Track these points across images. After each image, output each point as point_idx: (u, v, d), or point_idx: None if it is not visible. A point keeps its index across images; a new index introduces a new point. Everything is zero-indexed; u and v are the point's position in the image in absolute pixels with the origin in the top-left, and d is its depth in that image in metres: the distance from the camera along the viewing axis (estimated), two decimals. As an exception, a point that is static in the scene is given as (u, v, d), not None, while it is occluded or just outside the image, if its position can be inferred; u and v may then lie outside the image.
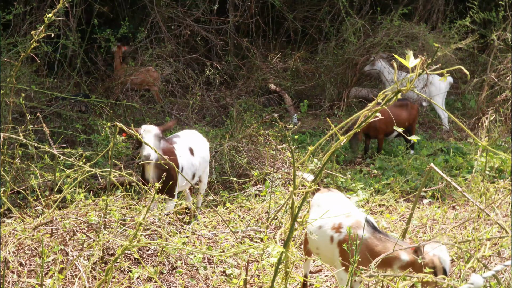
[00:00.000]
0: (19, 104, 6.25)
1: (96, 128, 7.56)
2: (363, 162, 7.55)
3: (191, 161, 5.61)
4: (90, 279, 4.25)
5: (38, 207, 4.91)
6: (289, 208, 3.04)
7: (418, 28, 9.39)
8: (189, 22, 9.37)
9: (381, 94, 2.82)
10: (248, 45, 9.93)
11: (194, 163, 5.66)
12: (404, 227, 4.57)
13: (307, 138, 8.23)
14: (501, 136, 7.86)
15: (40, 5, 8.61)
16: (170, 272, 4.69)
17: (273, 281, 3.09)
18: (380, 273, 3.52)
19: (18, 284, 4.17)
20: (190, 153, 5.63)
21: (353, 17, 9.87)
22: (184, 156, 5.55)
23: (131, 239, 3.36)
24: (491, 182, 6.38)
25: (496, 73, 8.96)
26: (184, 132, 6.00)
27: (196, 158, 5.69)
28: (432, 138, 8.54)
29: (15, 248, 4.44)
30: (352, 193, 6.37)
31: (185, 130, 6.13)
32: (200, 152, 5.78)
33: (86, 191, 5.56)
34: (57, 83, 8.43)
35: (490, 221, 5.03)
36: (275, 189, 6.23)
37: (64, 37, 8.48)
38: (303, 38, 11.01)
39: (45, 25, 4.44)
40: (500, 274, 4.01)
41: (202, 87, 9.04)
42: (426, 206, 6.27)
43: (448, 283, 3.34)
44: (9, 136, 4.79)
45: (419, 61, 2.52)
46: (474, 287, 2.04)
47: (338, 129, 2.99)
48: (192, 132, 6.01)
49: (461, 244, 4.11)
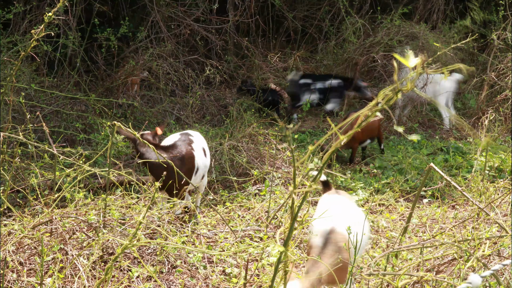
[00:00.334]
0: (19, 103, 6.26)
1: (96, 127, 7.57)
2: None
3: (204, 162, 5.59)
4: (90, 278, 4.25)
5: (37, 206, 4.91)
6: (289, 207, 3.04)
7: (418, 27, 9.39)
8: (189, 21, 9.37)
9: (381, 94, 2.82)
10: (248, 45, 9.94)
11: (207, 164, 5.65)
12: (403, 226, 4.57)
13: (307, 138, 8.23)
14: (501, 136, 7.86)
15: (40, 4, 8.61)
16: (170, 271, 4.70)
17: (272, 281, 3.09)
18: (380, 272, 3.52)
19: (18, 283, 4.18)
20: (203, 154, 5.61)
21: (353, 16, 9.87)
22: (200, 157, 5.52)
23: (131, 238, 3.36)
24: (491, 182, 6.38)
25: (496, 72, 8.96)
26: (190, 132, 5.97)
27: (208, 159, 5.69)
28: (432, 137, 8.54)
29: (14, 247, 4.45)
30: (352, 192, 6.38)
31: (187, 131, 6.10)
32: (208, 152, 5.80)
33: (85, 190, 5.56)
34: (57, 82, 8.43)
35: (490, 221, 5.03)
36: (275, 188, 6.23)
37: (64, 36, 8.48)
38: (303, 37, 11.01)
39: (45, 24, 4.44)
40: (500, 274, 4.01)
41: (202, 87, 9.04)
42: (426, 205, 6.27)
43: (448, 282, 3.35)
44: (9, 135, 4.79)
45: (419, 60, 2.52)
46: (472, 286, 2.05)
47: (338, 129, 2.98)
48: (195, 133, 6.00)
49: (460, 243, 4.11)
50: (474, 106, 9.16)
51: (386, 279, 3.65)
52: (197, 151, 5.47)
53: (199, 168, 5.47)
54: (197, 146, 5.53)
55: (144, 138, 5.01)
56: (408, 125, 8.81)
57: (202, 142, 5.71)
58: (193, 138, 5.56)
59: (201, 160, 5.50)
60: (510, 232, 4.08)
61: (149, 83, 8.94)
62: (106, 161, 6.44)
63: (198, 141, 5.61)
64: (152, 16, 9.18)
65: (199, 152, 5.50)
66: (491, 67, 9.16)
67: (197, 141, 5.60)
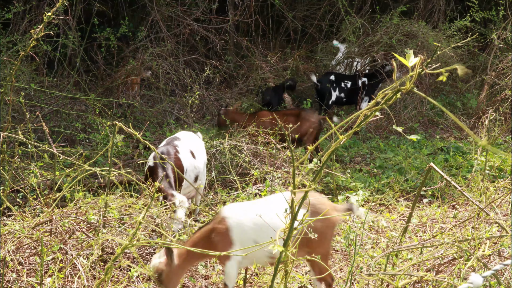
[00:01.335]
0: (19, 103, 6.25)
1: (95, 127, 7.56)
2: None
3: (193, 163, 5.62)
4: (90, 278, 4.25)
5: (37, 206, 4.91)
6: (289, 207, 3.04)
7: (418, 26, 9.38)
8: (189, 21, 9.36)
9: (381, 94, 2.81)
10: (248, 44, 9.93)
11: (197, 165, 5.67)
12: (404, 226, 4.56)
13: (307, 137, 8.22)
14: (501, 135, 7.85)
15: (39, 3, 8.60)
16: (170, 271, 4.68)
17: (272, 280, 3.09)
18: (380, 272, 3.52)
19: (18, 283, 4.17)
20: (191, 156, 5.64)
21: (353, 16, 9.87)
22: (187, 159, 5.56)
23: (131, 238, 3.35)
24: (491, 181, 6.37)
25: (496, 72, 8.95)
26: (182, 134, 5.98)
27: (199, 160, 5.70)
28: (432, 137, 8.54)
29: (14, 247, 4.44)
30: (352, 192, 6.37)
31: (181, 132, 6.11)
32: (201, 153, 5.80)
33: (85, 190, 5.56)
34: (56, 82, 8.43)
35: (490, 220, 5.02)
36: (275, 188, 6.23)
37: (63, 36, 8.47)
38: (302, 37, 11.01)
39: (45, 24, 4.43)
40: (500, 274, 4.01)
41: (202, 86, 9.04)
42: (426, 205, 6.27)
43: (448, 282, 3.34)
44: (9, 135, 4.79)
45: (418, 59, 2.51)
46: (474, 286, 2.04)
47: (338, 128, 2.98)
48: (189, 134, 6.01)
49: (460, 243, 4.10)
50: (475, 105, 9.16)
51: (386, 279, 3.65)
52: (183, 154, 5.53)
53: (187, 169, 5.52)
54: (183, 148, 5.58)
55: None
56: (408, 124, 8.81)
57: (192, 144, 5.73)
58: (178, 142, 5.63)
59: (187, 161, 5.54)
60: (510, 232, 4.07)
61: (149, 82, 8.93)
62: (106, 161, 6.44)
63: (185, 143, 5.67)
64: (152, 16, 9.17)
65: (185, 154, 5.55)
66: (491, 67, 9.15)
67: (184, 143, 5.66)
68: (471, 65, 10.12)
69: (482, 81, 9.48)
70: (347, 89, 9.10)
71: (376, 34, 9.40)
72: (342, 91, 9.11)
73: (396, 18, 9.49)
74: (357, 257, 4.59)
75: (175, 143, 5.64)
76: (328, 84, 9.04)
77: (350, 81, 9.14)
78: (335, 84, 9.08)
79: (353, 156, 7.75)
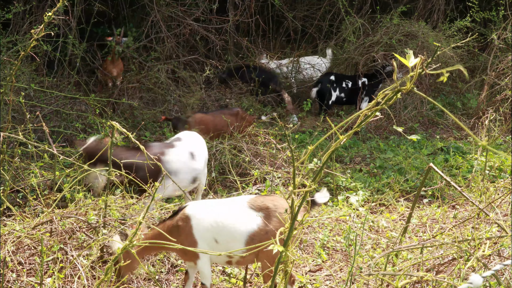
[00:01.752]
0: (19, 103, 6.25)
1: (95, 127, 7.56)
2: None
3: (190, 165, 5.62)
4: (90, 278, 4.25)
5: (38, 207, 4.91)
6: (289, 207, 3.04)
7: (418, 26, 9.38)
8: (189, 21, 9.36)
9: (381, 94, 2.81)
10: (248, 44, 9.93)
11: (196, 167, 5.66)
12: (404, 226, 4.56)
13: (307, 137, 8.22)
14: (501, 136, 7.85)
15: (40, 4, 8.60)
16: (170, 271, 4.69)
17: (272, 281, 3.09)
18: (380, 272, 3.52)
19: (18, 283, 4.17)
20: (190, 157, 5.63)
21: (353, 16, 9.87)
22: (183, 160, 5.56)
23: (131, 238, 3.36)
24: (491, 182, 6.37)
25: (496, 72, 8.95)
26: (184, 134, 5.97)
27: (198, 162, 5.69)
28: (432, 137, 8.54)
29: (14, 247, 4.44)
30: (352, 192, 6.37)
31: (183, 132, 6.10)
32: (202, 154, 5.78)
33: (85, 190, 5.56)
34: (56, 82, 8.43)
35: (490, 221, 5.02)
36: (275, 188, 6.23)
37: (64, 36, 8.48)
38: (303, 37, 11.01)
39: (45, 24, 4.43)
40: (500, 274, 4.01)
41: (202, 86, 9.04)
42: (426, 205, 6.27)
43: (448, 282, 3.34)
44: (9, 135, 4.79)
45: (418, 60, 2.51)
46: (474, 286, 2.04)
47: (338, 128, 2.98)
48: (191, 134, 5.99)
49: (460, 243, 4.10)
50: (475, 106, 9.15)
51: (386, 279, 3.65)
52: (173, 156, 5.54)
53: (178, 172, 5.52)
54: (179, 150, 5.59)
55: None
56: (408, 125, 8.81)
57: (192, 145, 5.73)
58: (177, 143, 5.64)
59: (178, 164, 5.54)
60: (510, 232, 4.07)
61: (149, 83, 8.93)
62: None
63: (185, 145, 5.67)
64: (152, 16, 9.17)
65: (177, 157, 5.56)
66: (491, 67, 9.15)
67: (184, 145, 5.66)
68: (471, 65, 10.13)
69: (482, 81, 9.48)
70: (347, 89, 9.12)
71: (376, 34, 9.40)
72: (342, 91, 9.13)
73: (396, 18, 9.49)
74: (357, 257, 4.59)
75: (174, 143, 5.63)
76: (328, 84, 9.06)
77: (350, 81, 9.16)
78: (335, 84, 9.10)
79: (353, 156, 7.74)
